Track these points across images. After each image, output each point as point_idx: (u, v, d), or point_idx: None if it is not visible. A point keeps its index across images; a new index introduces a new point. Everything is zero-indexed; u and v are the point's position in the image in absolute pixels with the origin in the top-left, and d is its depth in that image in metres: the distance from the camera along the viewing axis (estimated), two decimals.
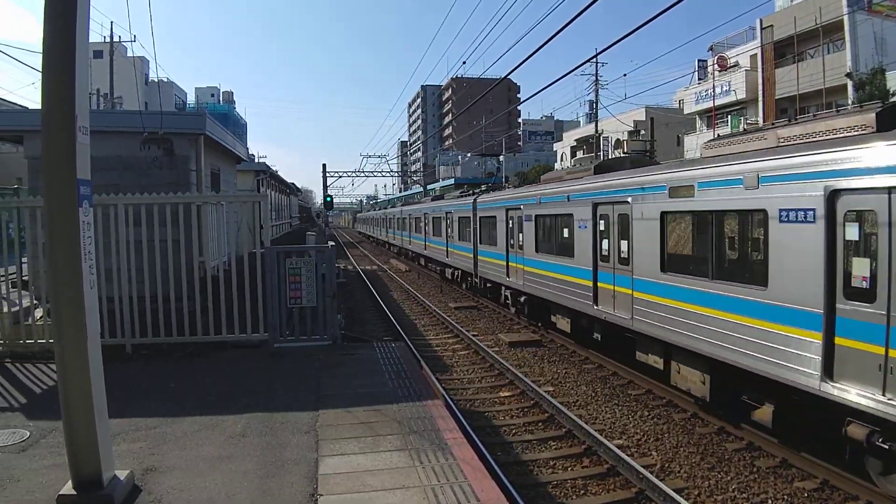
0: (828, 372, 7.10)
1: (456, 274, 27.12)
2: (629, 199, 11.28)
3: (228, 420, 7.00)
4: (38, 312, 10.18)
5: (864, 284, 6.76)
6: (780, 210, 7.79)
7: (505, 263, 18.95)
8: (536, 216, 16.42)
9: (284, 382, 8.55)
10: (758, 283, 8.26)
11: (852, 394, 6.80)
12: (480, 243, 22.13)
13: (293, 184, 52.96)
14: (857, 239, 6.93)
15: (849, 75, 32.99)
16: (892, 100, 23.34)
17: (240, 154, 18.14)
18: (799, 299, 7.51)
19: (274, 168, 37.08)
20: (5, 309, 9.90)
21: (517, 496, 7.11)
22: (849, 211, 6.97)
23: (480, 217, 22.21)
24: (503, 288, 19.84)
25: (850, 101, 32.11)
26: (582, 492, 7.74)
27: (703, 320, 9.20)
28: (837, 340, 7.04)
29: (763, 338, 8.05)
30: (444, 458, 5.96)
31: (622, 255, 11.75)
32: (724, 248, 9.38)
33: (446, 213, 28.09)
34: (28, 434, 6.58)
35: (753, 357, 8.21)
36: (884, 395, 6.44)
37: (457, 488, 5.31)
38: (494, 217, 20.15)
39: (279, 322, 10.11)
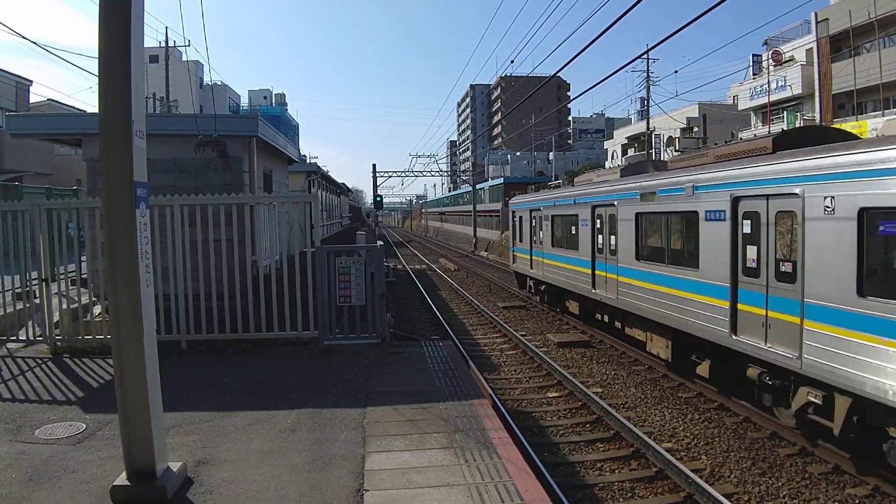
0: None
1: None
2: None
3: (279, 415, 7.15)
4: (97, 309, 10.55)
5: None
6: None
7: None
8: None
9: (333, 379, 8.67)
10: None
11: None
12: None
13: (343, 184, 53.54)
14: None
15: None
16: None
17: (291, 155, 18.37)
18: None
19: (325, 168, 37.55)
20: (65, 306, 10.27)
21: (562, 496, 7.09)
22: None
23: None
24: None
25: None
26: (629, 494, 7.67)
27: None
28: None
29: None
30: (489, 456, 5.97)
31: None
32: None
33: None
34: (84, 426, 6.82)
35: None
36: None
37: (501, 487, 5.32)
38: None
39: (329, 320, 10.24)
